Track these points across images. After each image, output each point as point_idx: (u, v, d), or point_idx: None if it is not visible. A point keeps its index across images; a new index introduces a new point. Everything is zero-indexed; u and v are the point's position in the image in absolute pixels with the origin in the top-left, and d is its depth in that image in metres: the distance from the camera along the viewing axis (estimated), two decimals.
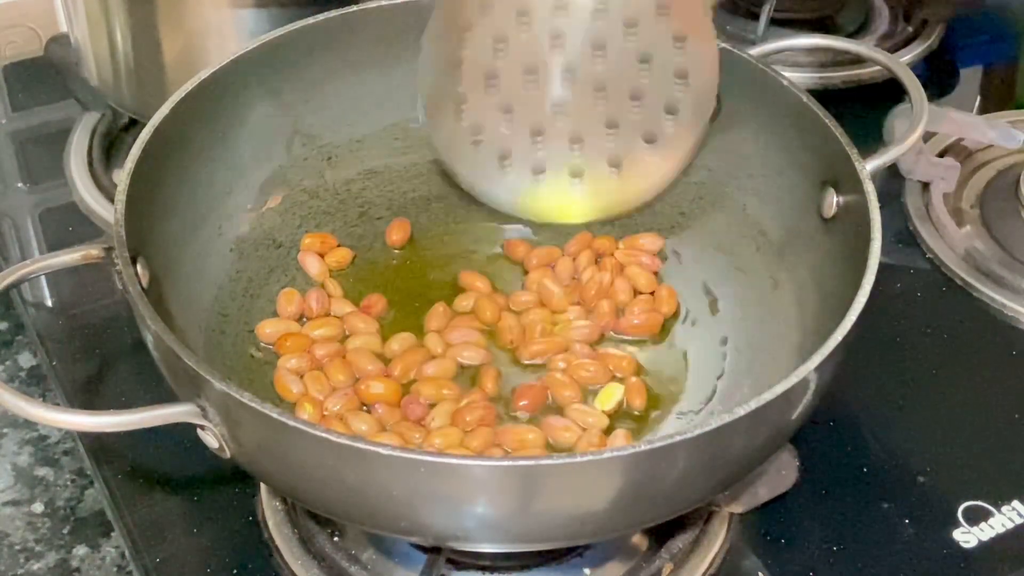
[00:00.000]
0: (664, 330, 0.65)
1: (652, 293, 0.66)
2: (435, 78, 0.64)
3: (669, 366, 0.64)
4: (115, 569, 0.60)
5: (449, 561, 0.57)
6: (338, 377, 0.61)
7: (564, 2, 0.63)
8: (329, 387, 0.61)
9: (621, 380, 0.62)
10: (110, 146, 0.82)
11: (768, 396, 0.48)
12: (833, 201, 0.60)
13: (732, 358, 0.63)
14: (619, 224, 0.69)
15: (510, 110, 0.65)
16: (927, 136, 0.82)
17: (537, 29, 0.63)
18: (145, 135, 0.59)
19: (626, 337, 0.65)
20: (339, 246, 0.68)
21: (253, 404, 0.47)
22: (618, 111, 0.64)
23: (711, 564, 0.59)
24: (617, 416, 0.61)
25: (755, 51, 0.66)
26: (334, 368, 0.61)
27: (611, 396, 0.61)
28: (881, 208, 0.56)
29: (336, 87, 0.68)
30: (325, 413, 0.60)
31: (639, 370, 0.63)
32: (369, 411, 0.60)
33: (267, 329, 0.64)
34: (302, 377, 0.61)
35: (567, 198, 0.66)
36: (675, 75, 0.63)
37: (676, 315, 0.66)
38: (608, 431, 0.60)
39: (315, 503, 0.53)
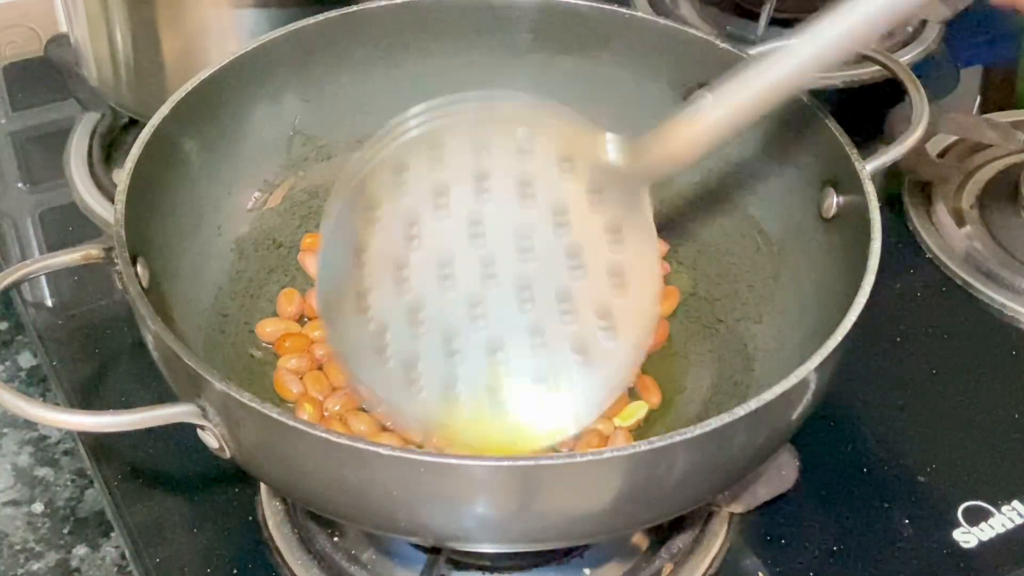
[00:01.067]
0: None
1: None
2: (335, 270, 0.55)
3: (669, 366, 0.64)
4: (115, 569, 0.60)
5: (449, 561, 0.57)
6: (338, 377, 0.61)
7: (486, 183, 0.54)
8: (329, 387, 0.61)
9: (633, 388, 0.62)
10: (110, 146, 0.82)
11: (768, 396, 0.48)
12: (833, 201, 0.60)
13: (732, 358, 0.63)
14: None
15: (420, 309, 0.55)
16: (927, 136, 0.81)
17: (454, 212, 0.54)
18: (145, 135, 0.59)
19: None
20: None
21: (253, 404, 0.47)
22: (543, 316, 0.55)
23: (711, 564, 0.59)
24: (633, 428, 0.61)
25: (755, 51, 0.66)
26: (334, 368, 0.61)
27: (632, 414, 0.60)
28: (881, 208, 0.56)
29: (336, 87, 0.68)
30: (325, 413, 0.60)
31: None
32: (368, 411, 0.60)
33: (267, 328, 0.64)
34: (302, 377, 0.61)
35: (485, 418, 0.55)
36: (609, 273, 0.55)
37: (676, 315, 0.66)
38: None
39: (315, 503, 0.53)
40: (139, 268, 0.55)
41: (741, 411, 0.47)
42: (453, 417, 0.55)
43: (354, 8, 0.67)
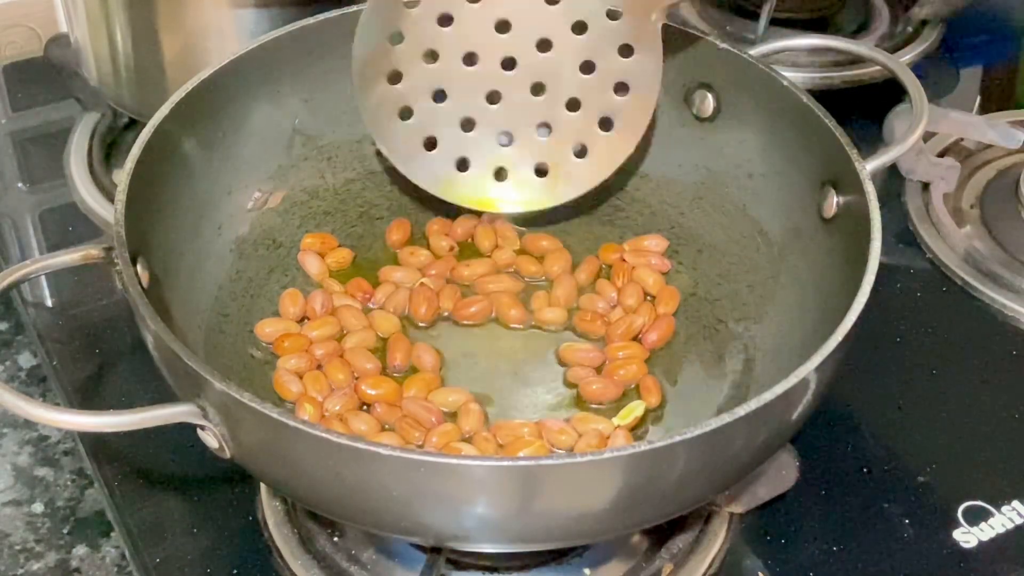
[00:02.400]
0: None
1: (653, 296, 0.66)
2: (372, 46, 0.62)
3: (669, 367, 0.64)
4: (115, 569, 0.60)
5: (449, 561, 0.57)
6: (337, 377, 0.61)
7: None
8: (328, 387, 0.61)
9: (636, 387, 0.62)
10: (110, 146, 0.82)
11: (768, 396, 0.48)
12: (833, 201, 0.60)
13: (732, 358, 0.63)
14: (620, 225, 0.69)
15: (444, 94, 0.63)
16: (927, 136, 0.82)
17: (485, 14, 0.62)
18: (145, 135, 0.59)
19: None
20: (339, 246, 0.68)
21: (253, 404, 0.47)
22: (552, 116, 0.64)
23: (711, 564, 0.59)
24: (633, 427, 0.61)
25: (755, 51, 0.66)
26: (333, 368, 0.61)
27: (631, 412, 0.60)
28: (881, 208, 0.56)
29: (336, 87, 0.68)
30: (325, 413, 0.60)
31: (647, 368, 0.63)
32: (369, 410, 0.60)
33: (267, 328, 0.64)
34: (301, 377, 0.61)
35: (489, 192, 0.66)
36: (615, 87, 0.62)
37: (676, 315, 0.66)
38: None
39: (315, 503, 0.53)
40: (139, 268, 0.55)
41: (741, 411, 0.47)
42: (458, 187, 0.65)
43: (354, 8, 0.67)
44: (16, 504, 0.63)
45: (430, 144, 0.64)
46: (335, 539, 0.59)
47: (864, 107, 0.84)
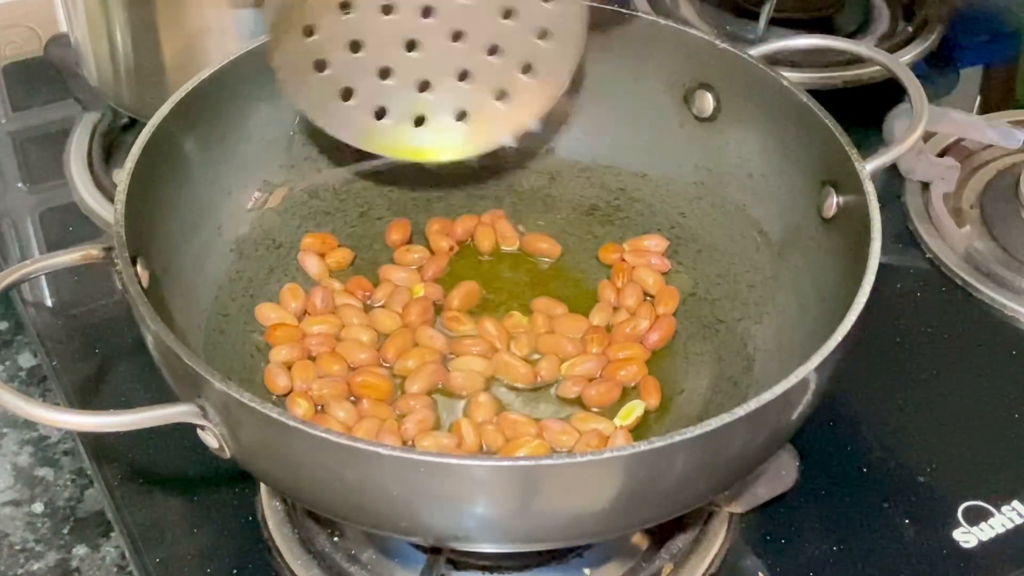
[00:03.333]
0: None
1: (653, 296, 0.66)
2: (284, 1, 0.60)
3: (669, 367, 0.64)
4: (115, 569, 0.60)
5: (449, 561, 0.57)
6: (331, 368, 0.61)
7: None
8: (315, 374, 0.61)
9: (635, 387, 0.62)
10: (110, 146, 0.82)
11: (768, 396, 0.48)
12: (833, 201, 0.60)
13: (732, 358, 0.63)
14: (620, 225, 0.69)
15: (360, 44, 0.62)
16: (927, 136, 0.82)
17: None
18: (145, 135, 0.59)
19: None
20: (339, 246, 0.68)
21: (253, 404, 0.47)
22: (473, 62, 0.62)
23: (711, 564, 0.59)
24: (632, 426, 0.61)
25: (755, 51, 0.66)
26: (326, 359, 0.62)
27: (631, 412, 0.60)
28: (881, 208, 0.56)
29: None
30: (310, 392, 0.60)
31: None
32: (356, 403, 0.60)
33: (267, 313, 0.64)
34: (290, 368, 0.61)
35: (410, 140, 0.64)
36: (537, 33, 0.61)
37: (676, 315, 0.66)
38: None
39: (315, 503, 0.53)
40: (139, 268, 0.55)
41: (741, 411, 0.47)
42: (377, 137, 0.64)
43: None
44: (16, 504, 0.63)
45: (346, 95, 0.63)
46: (335, 539, 0.59)
47: (864, 107, 0.84)
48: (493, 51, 0.62)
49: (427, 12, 0.61)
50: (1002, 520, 0.61)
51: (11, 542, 0.61)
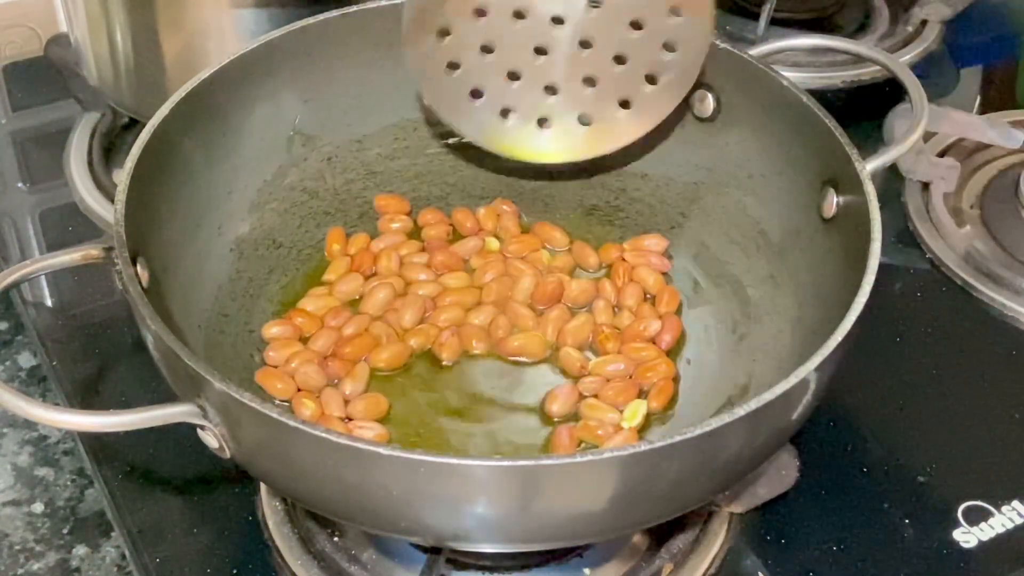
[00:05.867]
0: None
1: (653, 296, 0.66)
2: (423, 2, 0.62)
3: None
4: (115, 569, 0.60)
5: (449, 561, 0.57)
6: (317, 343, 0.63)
7: None
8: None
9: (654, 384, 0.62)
10: (110, 146, 0.82)
11: (768, 396, 0.48)
12: (833, 201, 0.60)
13: (732, 358, 0.63)
14: (620, 225, 0.69)
15: (491, 48, 0.63)
16: (927, 136, 0.82)
17: None
18: (145, 135, 0.59)
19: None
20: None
21: (253, 404, 0.47)
22: (599, 69, 0.63)
23: (711, 564, 0.59)
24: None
25: (755, 51, 0.66)
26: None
27: (636, 413, 0.60)
28: (881, 208, 0.56)
29: (336, 87, 0.68)
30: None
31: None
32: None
33: (272, 330, 0.64)
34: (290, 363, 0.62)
35: (532, 141, 0.65)
36: (663, 45, 0.62)
37: (676, 315, 0.66)
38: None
39: (315, 503, 0.53)
40: (139, 268, 0.55)
41: (741, 411, 0.47)
42: (500, 136, 0.65)
43: (354, 8, 0.67)
44: (16, 504, 0.63)
45: (475, 94, 0.64)
46: (335, 539, 0.59)
47: (864, 107, 0.84)
48: (619, 60, 0.63)
49: (557, 20, 0.62)
50: (1002, 520, 0.61)
51: (11, 542, 0.61)
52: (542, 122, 0.65)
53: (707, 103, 0.67)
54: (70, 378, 0.68)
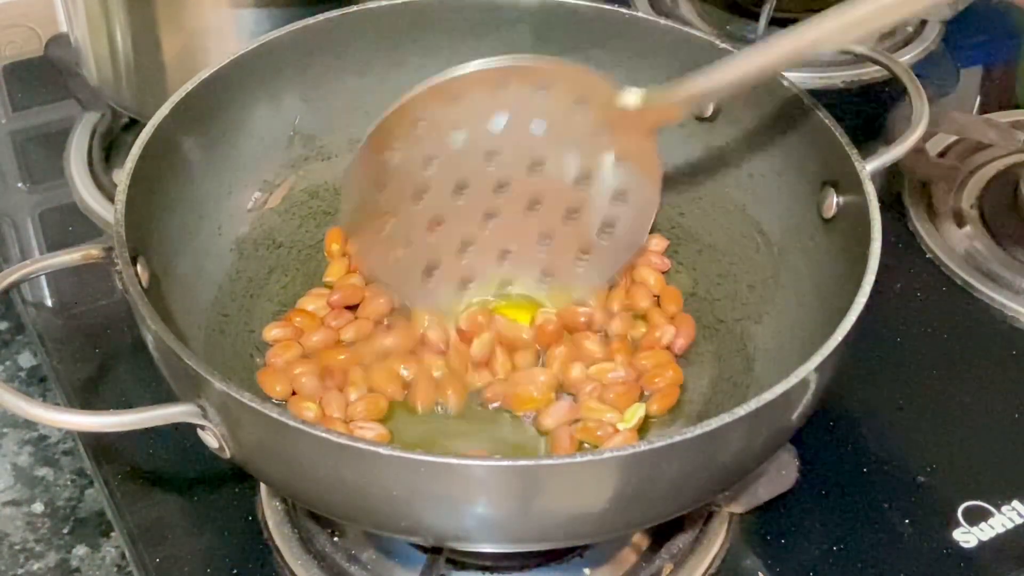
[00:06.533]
0: None
1: (657, 296, 0.66)
2: (360, 194, 0.62)
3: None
4: (115, 569, 0.60)
5: (449, 561, 0.57)
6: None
7: (502, 116, 0.60)
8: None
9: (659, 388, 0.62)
10: (110, 146, 0.82)
11: (768, 396, 0.48)
12: (833, 201, 0.60)
13: (732, 358, 0.63)
14: None
15: (438, 223, 0.62)
16: (927, 136, 0.81)
17: (472, 148, 0.60)
18: (145, 135, 0.59)
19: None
20: None
21: (253, 404, 0.47)
22: (552, 226, 0.63)
23: (711, 564, 0.59)
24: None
25: None
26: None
27: (634, 415, 0.60)
28: (881, 208, 0.56)
29: (336, 87, 0.68)
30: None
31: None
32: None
33: (273, 331, 0.64)
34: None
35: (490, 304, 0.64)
36: (614, 193, 0.61)
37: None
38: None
39: (315, 503, 0.53)
40: (139, 268, 0.55)
41: (741, 411, 0.47)
42: (459, 306, 0.64)
43: (354, 8, 0.67)
44: (16, 504, 0.63)
45: (431, 273, 0.63)
46: (335, 539, 0.59)
47: (864, 107, 0.84)
48: (571, 215, 0.62)
49: (502, 187, 0.62)
50: (1002, 520, 0.61)
51: (11, 542, 0.61)
52: (503, 285, 0.64)
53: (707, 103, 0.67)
54: (70, 378, 0.68)
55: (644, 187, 0.61)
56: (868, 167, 0.58)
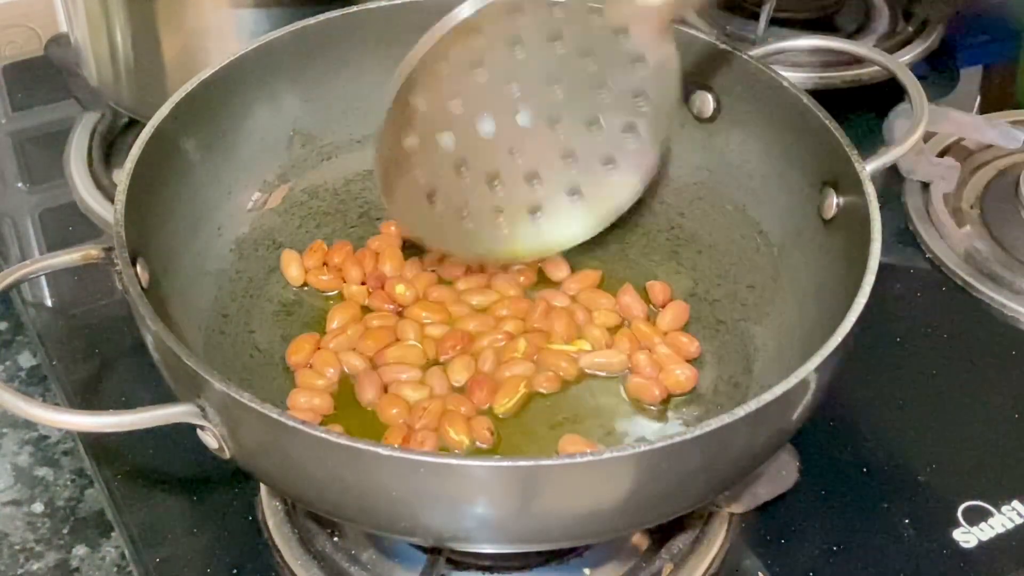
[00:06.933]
0: None
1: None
2: (391, 151, 0.59)
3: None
4: (115, 569, 0.60)
5: (449, 561, 0.57)
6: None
7: (518, 38, 0.58)
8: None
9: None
10: (110, 146, 0.82)
11: (768, 396, 0.48)
12: (833, 202, 0.60)
13: (732, 358, 0.63)
14: (620, 226, 0.69)
15: (466, 164, 0.61)
16: (927, 136, 0.82)
17: (489, 76, 0.59)
18: (145, 135, 0.59)
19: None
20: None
21: (253, 404, 0.47)
22: (574, 140, 0.62)
23: (711, 564, 0.59)
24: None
25: (755, 51, 0.66)
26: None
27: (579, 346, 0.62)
28: (881, 208, 0.56)
29: (336, 87, 0.68)
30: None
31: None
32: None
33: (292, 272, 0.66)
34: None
35: (531, 235, 0.63)
36: (632, 94, 0.60)
37: None
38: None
39: (315, 503, 0.53)
40: (139, 268, 0.55)
41: (741, 411, 0.47)
42: (497, 241, 0.63)
43: (354, 8, 0.67)
44: (16, 504, 0.63)
45: (463, 213, 0.62)
46: (335, 539, 0.59)
47: (864, 107, 0.84)
48: (593, 123, 0.61)
49: (522, 110, 0.61)
50: (1002, 520, 0.61)
51: (11, 542, 0.61)
52: (533, 211, 0.63)
53: (707, 103, 0.67)
54: (70, 378, 0.68)
55: (663, 81, 0.60)
56: (868, 167, 0.58)
